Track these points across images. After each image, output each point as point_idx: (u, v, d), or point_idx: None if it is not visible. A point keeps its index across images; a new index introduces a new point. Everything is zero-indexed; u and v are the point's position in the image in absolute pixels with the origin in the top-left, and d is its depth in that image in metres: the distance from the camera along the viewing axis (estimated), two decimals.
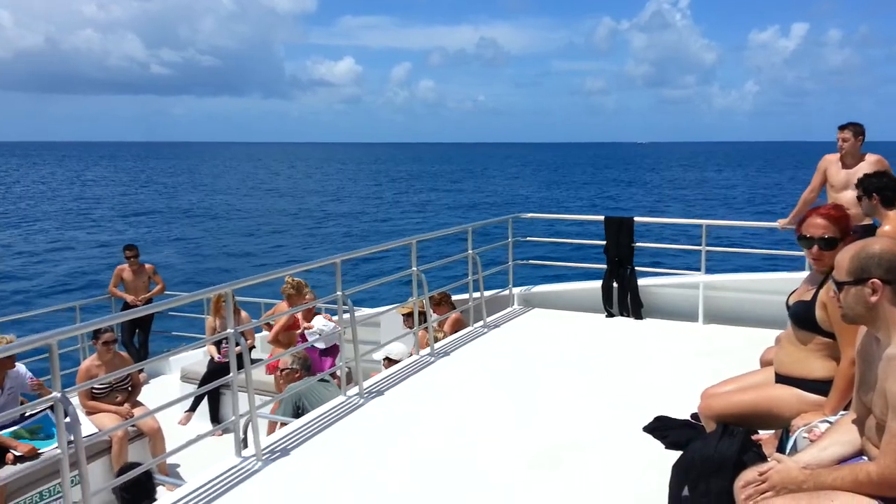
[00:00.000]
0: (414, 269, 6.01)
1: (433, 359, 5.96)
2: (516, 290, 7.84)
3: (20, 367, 5.91)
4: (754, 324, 6.42)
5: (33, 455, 5.28)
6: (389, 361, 6.32)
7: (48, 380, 7.26)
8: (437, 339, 6.39)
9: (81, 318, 9.00)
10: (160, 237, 33.88)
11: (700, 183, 70.42)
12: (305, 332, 7.13)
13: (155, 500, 4.02)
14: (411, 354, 6.20)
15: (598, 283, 7.44)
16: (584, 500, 3.57)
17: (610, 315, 7.30)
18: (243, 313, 7.52)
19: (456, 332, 6.88)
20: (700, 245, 7.15)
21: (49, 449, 5.32)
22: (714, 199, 51.16)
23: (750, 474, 2.37)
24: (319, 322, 7.06)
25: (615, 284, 7.32)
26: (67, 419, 3.16)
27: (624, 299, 7.27)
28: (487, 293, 7.18)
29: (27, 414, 5.61)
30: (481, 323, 6.98)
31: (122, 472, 4.48)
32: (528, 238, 8.40)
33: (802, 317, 3.10)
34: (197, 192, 62.20)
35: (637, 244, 7.41)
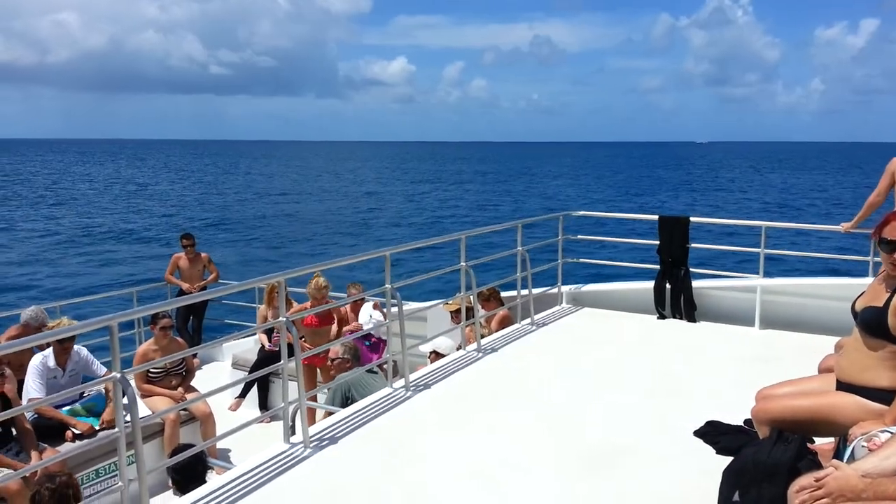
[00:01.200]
0: (463, 264, 6.00)
1: (480, 354, 5.95)
2: (565, 289, 7.76)
3: (80, 349, 6.14)
4: (813, 330, 6.21)
5: (91, 433, 5.48)
6: (436, 355, 6.34)
7: (107, 361, 7.55)
8: (483, 336, 6.38)
9: (138, 304, 9.32)
10: (215, 229, 34.82)
11: (760, 184, 68.49)
12: (359, 320, 7.24)
13: (205, 481, 4.13)
14: (458, 349, 6.20)
15: (650, 284, 7.30)
16: (635, 501, 3.51)
17: (662, 317, 7.16)
18: (294, 303, 7.66)
19: (503, 328, 6.86)
20: (758, 247, 6.95)
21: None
22: (774, 202, 49.70)
23: (805, 480, 2.29)
24: (368, 309, 7.14)
25: (668, 286, 7.17)
26: (125, 400, 3.26)
27: (677, 301, 7.12)
28: (536, 291, 7.13)
29: (84, 393, 5.84)
30: (529, 321, 6.93)
31: (174, 453, 4.61)
32: (579, 236, 8.31)
33: (874, 323, 2.97)
34: (252, 187, 63.67)
35: (692, 245, 7.25)
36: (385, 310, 6.98)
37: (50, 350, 5.81)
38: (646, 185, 67.55)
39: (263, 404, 7.39)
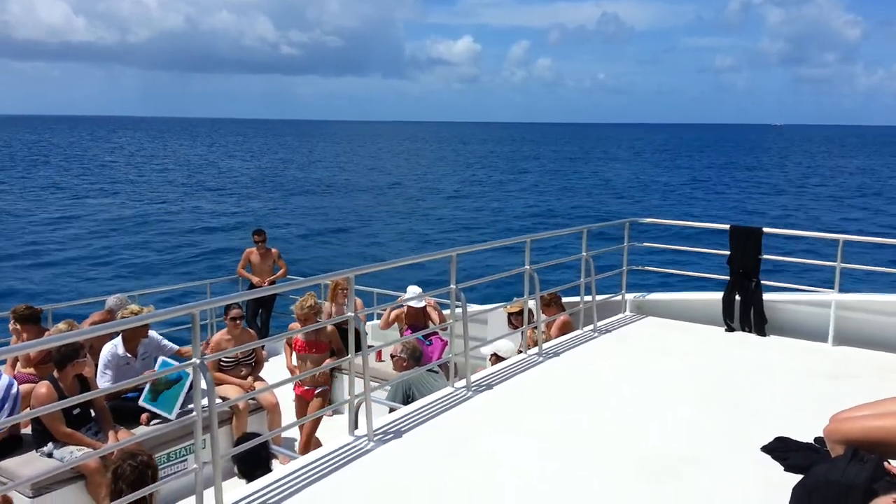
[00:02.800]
0: (527, 267, 6.01)
1: (541, 359, 5.94)
2: (629, 296, 7.65)
3: (154, 334, 6.43)
4: (890, 349, 5.95)
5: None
6: (496, 358, 6.37)
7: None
8: (544, 340, 6.36)
9: (211, 295, 9.67)
10: (283, 216, 35.76)
11: (837, 170, 65.48)
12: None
13: (270, 470, 4.27)
14: (518, 353, 6.21)
15: (718, 295, 7.12)
16: None
17: (730, 329, 6.98)
18: (358, 300, 7.81)
19: (563, 334, 6.82)
20: (835, 261, 6.69)
21: (165, 414, 5.76)
22: (851, 190, 47.50)
23: (884, 501, 2.22)
24: (414, 290, 7.24)
25: (738, 297, 6.98)
26: (204, 385, 3.41)
27: (747, 313, 6.93)
28: (599, 297, 7.07)
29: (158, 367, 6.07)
30: (591, 327, 6.87)
31: (240, 441, 4.78)
32: (645, 244, 8.18)
33: None
34: (320, 170, 64.98)
35: (764, 256, 7.04)
36: (447, 311, 7.07)
37: (119, 339, 6.09)
38: (717, 170, 65.59)
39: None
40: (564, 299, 7.27)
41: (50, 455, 5.17)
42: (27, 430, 5.45)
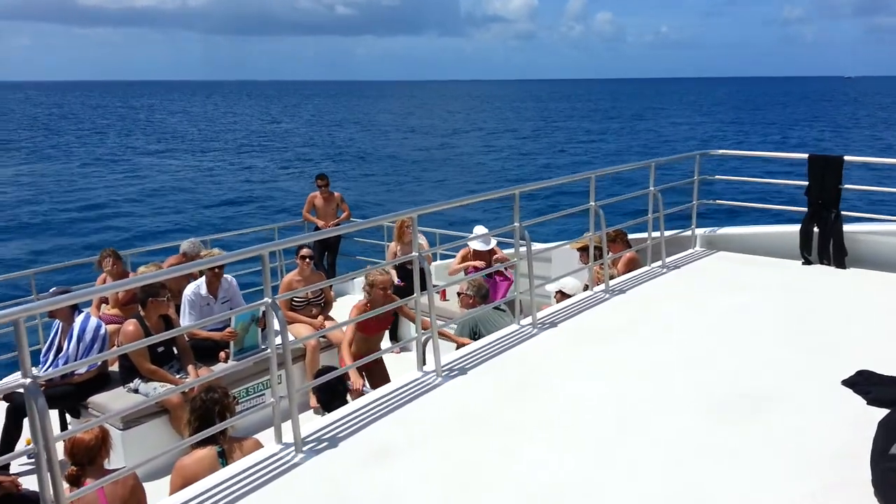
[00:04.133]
0: (592, 203, 5.88)
1: (607, 296, 5.86)
2: (699, 231, 7.43)
3: (230, 278, 6.64)
4: None
5: (233, 337, 5.91)
6: (562, 295, 6.32)
7: (260, 290, 8.13)
8: (611, 277, 6.26)
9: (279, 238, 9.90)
10: (347, 169, 36.15)
11: None
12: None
13: (346, 401, 4.40)
14: (585, 289, 6.15)
15: (794, 228, 6.83)
16: (773, 451, 3.39)
17: (807, 262, 6.71)
18: (423, 240, 7.84)
19: (630, 271, 6.70)
20: None
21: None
22: None
23: None
24: (481, 229, 7.22)
25: (816, 229, 6.68)
26: (276, 324, 3.51)
27: (825, 246, 6.62)
28: (668, 233, 6.88)
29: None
30: (660, 263, 6.72)
31: (318, 375, 4.95)
32: (717, 177, 7.86)
33: None
34: (378, 127, 65.21)
35: (845, 186, 6.67)
36: (509, 251, 7.02)
37: (202, 279, 6.33)
38: (787, 123, 62.52)
39: (393, 336, 7.71)
40: (632, 236, 7.12)
41: (136, 391, 5.47)
42: (115, 368, 5.78)
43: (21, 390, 5.15)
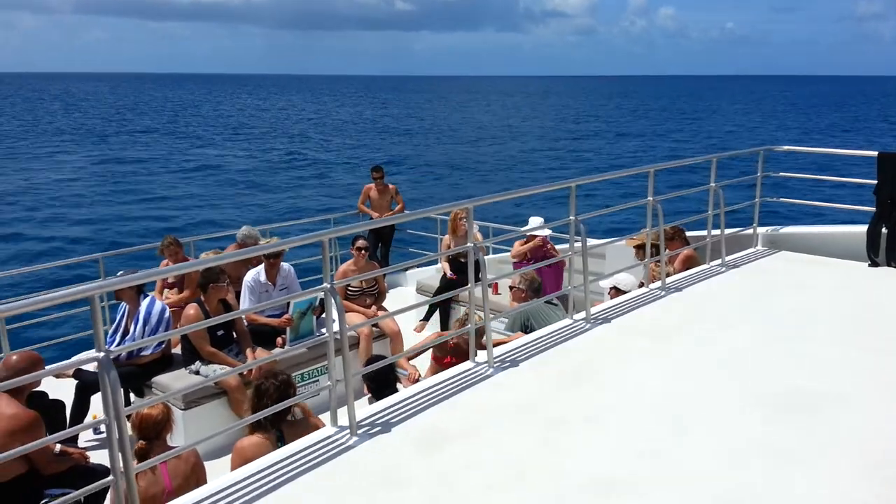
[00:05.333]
0: (650, 198, 5.79)
1: (664, 293, 5.77)
2: (761, 230, 7.23)
3: (288, 266, 6.79)
4: None
5: (289, 324, 6.04)
6: (616, 291, 6.25)
7: (314, 279, 8.27)
8: (668, 274, 6.16)
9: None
10: (402, 159, 36.45)
11: None
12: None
13: (397, 390, 4.46)
14: (640, 286, 6.06)
15: (862, 228, 6.58)
16: (831, 453, 3.30)
17: (874, 264, 6.46)
18: (477, 232, 7.86)
19: (687, 269, 6.57)
20: None
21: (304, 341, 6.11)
22: None
23: None
24: (536, 221, 7.19)
25: (884, 230, 6.42)
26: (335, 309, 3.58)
27: (894, 247, 6.37)
28: (728, 231, 6.72)
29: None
30: (719, 261, 6.57)
31: (369, 362, 5.02)
32: (781, 173, 7.63)
33: None
34: (437, 123, 65.46)
35: None
36: (564, 246, 6.98)
37: (261, 266, 6.49)
38: (861, 124, 60.10)
39: (444, 327, 7.76)
40: (691, 233, 6.98)
41: (197, 372, 5.66)
42: (177, 350, 5.99)
43: (90, 368, 5.40)
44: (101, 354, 2.69)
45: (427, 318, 7.97)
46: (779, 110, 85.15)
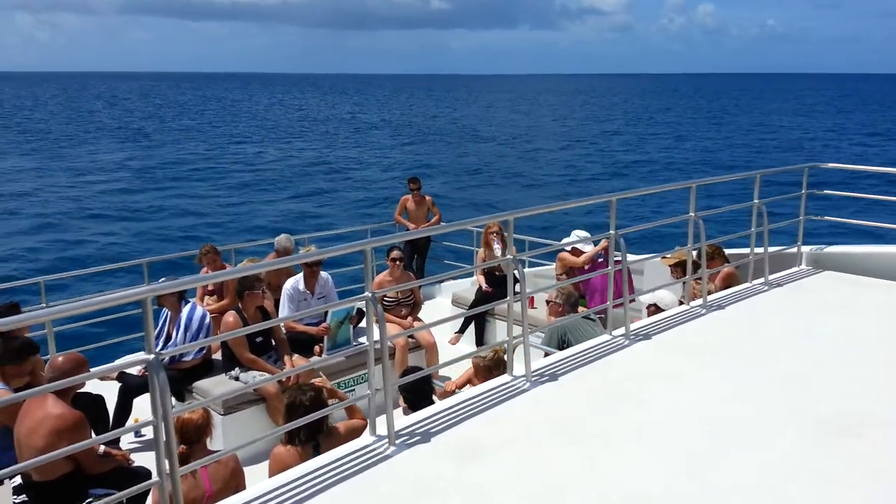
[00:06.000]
0: (692, 214, 5.71)
1: (704, 311, 5.68)
2: (805, 249, 7.08)
3: (326, 275, 6.86)
4: None
5: (326, 332, 6.09)
6: (655, 308, 6.16)
7: (349, 289, 8.31)
8: (709, 292, 6.06)
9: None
10: (436, 166, 36.61)
11: None
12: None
13: (432, 402, 4.46)
14: (680, 303, 5.98)
15: None
16: (874, 477, 3.20)
17: None
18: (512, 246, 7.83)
19: (727, 287, 6.46)
20: None
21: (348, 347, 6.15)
22: None
23: None
24: (578, 234, 7.15)
25: None
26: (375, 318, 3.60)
27: None
28: (772, 249, 6.60)
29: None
30: (761, 280, 6.45)
31: (405, 374, 5.03)
32: (826, 191, 7.47)
33: None
34: (472, 125, 65.63)
35: None
36: (600, 260, 6.92)
37: (301, 275, 6.57)
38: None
39: (479, 340, 7.74)
40: (732, 251, 6.87)
41: (237, 378, 5.73)
42: (217, 356, 6.08)
43: (134, 371, 5.50)
44: (151, 357, 2.75)
45: (462, 330, 7.97)
46: (818, 109, 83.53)
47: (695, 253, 5.91)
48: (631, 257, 7.19)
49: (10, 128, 59.43)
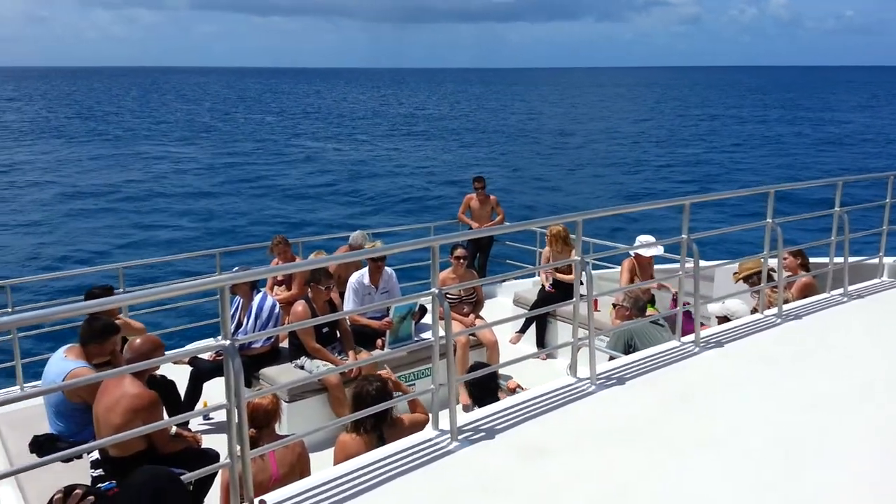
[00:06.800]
0: (769, 220, 5.52)
1: (779, 321, 5.48)
2: (888, 260, 6.75)
3: (391, 271, 6.93)
4: None
5: (389, 327, 6.14)
6: (724, 319, 5.98)
7: (411, 286, 8.38)
8: (785, 302, 5.84)
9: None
10: (500, 163, 36.47)
11: None
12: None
13: (497, 399, 4.44)
14: (753, 312, 5.78)
15: None
16: None
17: None
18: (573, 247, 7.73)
19: (805, 297, 6.22)
20: None
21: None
22: None
23: None
24: (644, 239, 6.99)
25: None
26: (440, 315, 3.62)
27: None
28: (852, 259, 6.31)
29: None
30: (840, 291, 6.17)
31: (472, 369, 5.03)
32: None
33: None
34: (533, 119, 65.15)
35: None
36: (672, 266, 6.77)
37: (365, 270, 6.65)
38: None
39: (540, 341, 7.68)
40: (810, 260, 6.60)
41: (302, 367, 5.86)
42: (284, 344, 6.22)
43: (204, 356, 5.67)
44: (228, 343, 2.83)
45: (523, 330, 7.92)
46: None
47: (772, 260, 5.70)
48: (704, 263, 7.01)
49: (88, 119, 62.42)
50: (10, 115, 66.71)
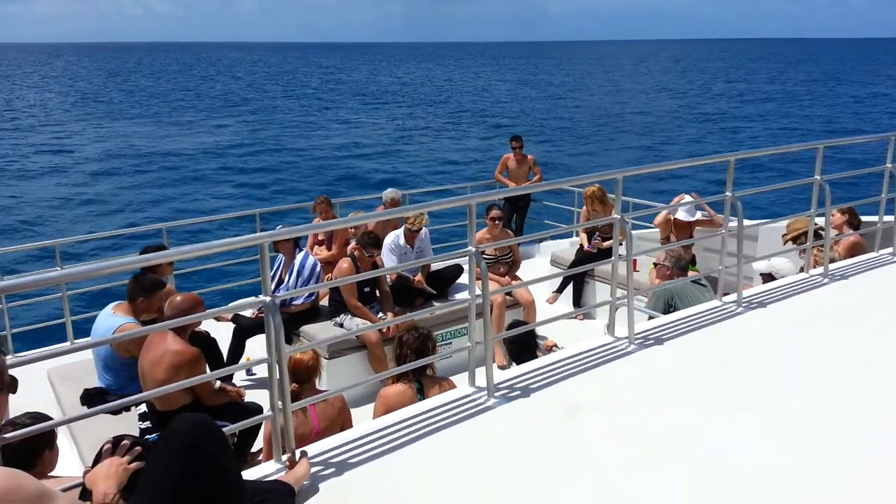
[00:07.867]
0: (817, 177, 5.34)
1: (826, 280, 5.34)
2: None
3: (424, 229, 6.94)
4: None
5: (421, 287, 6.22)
6: (770, 278, 5.86)
7: (444, 246, 8.38)
8: (832, 261, 5.69)
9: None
10: (542, 131, 36.07)
11: None
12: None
13: (536, 356, 4.45)
14: (800, 271, 5.65)
15: None
16: None
17: None
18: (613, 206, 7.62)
19: (852, 256, 6.04)
20: None
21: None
22: None
23: None
24: (685, 198, 6.87)
25: None
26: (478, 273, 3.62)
27: None
28: None
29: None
30: (890, 250, 5.98)
31: (511, 327, 5.05)
32: None
33: None
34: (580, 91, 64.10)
35: None
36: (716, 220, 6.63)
37: (401, 230, 6.67)
38: None
39: (577, 301, 7.64)
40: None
41: (341, 325, 5.94)
42: (324, 302, 6.32)
43: (246, 314, 5.79)
44: (268, 299, 2.87)
45: (560, 290, 7.88)
46: None
47: (819, 219, 5.54)
48: (748, 221, 6.85)
49: (133, 93, 63.22)
50: (60, 89, 68.09)
